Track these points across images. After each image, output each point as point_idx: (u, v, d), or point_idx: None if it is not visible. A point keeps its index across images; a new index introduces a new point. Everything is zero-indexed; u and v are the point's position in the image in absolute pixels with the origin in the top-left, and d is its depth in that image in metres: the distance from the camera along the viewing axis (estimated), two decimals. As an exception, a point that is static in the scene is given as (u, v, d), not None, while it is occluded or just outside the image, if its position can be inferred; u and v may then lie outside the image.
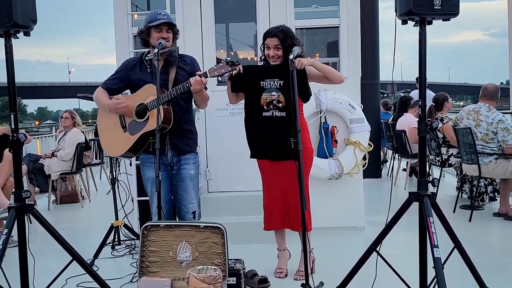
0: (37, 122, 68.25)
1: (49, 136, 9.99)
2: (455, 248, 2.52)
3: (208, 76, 2.92)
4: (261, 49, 3.31)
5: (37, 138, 9.91)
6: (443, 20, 2.50)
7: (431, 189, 2.60)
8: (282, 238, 3.45)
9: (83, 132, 6.93)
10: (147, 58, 3.08)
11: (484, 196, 5.38)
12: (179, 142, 3.14)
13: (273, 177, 3.26)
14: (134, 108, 3.09)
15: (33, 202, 5.46)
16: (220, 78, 3.06)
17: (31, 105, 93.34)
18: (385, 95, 17.77)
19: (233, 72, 2.92)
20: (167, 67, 3.13)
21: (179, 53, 3.25)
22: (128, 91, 3.27)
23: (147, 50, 3.15)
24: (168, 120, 2.99)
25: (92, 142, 7.42)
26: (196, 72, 2.95)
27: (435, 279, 2.34)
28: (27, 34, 2.59)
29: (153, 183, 3.06)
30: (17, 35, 2.57)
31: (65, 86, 71.53)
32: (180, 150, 3.16)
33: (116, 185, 4.06)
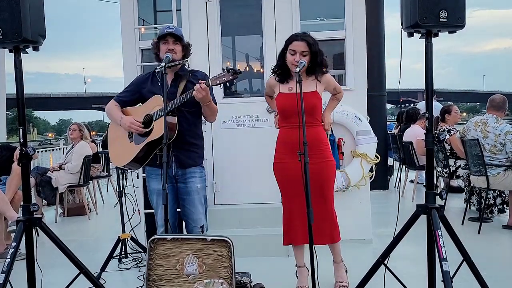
0: (50, 135, 68.47)
1: (57, 150, 10.03)
2: (464, 261, 2.50)
3: (210, 84, 2.93)
4: (280, 55, 3.18)
5: (48, 150, 9.94)
6: (449, 32, 2.51)
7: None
8: (301, 254, 3.30)
9: (95, 143, 6.96)
10: (156, 71, 3.12)
11: (493, 208, 5.32)
12: (182, 155, 3.15)
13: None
14: (141, 119, 3.13)
15: (40, 215, 5.49)
16: (221, 87, 3.06)
17: (52, 117, 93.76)
18: (415, 104, 17.56)
19: (234, 80, 2.93)
20: (177, 80, 3.17)
21: (192, 68, 3.28)
22: (140, 104, 3.31)
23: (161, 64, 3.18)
24: (172, 130, 3.01)
25: (100, 154, 7.46)
26: (199, 81, 2.96)
27: (444, 293, 2.31)
28: (36, 49, 2.62)
29: (159, 195, 3.07)
30: (26, 50, 2.61)
31: (80, 97, 71.54)
32: (183, 163, 3.16)
33: (123, 198, 4.07)
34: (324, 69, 3.18)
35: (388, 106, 60.12)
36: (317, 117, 3.18)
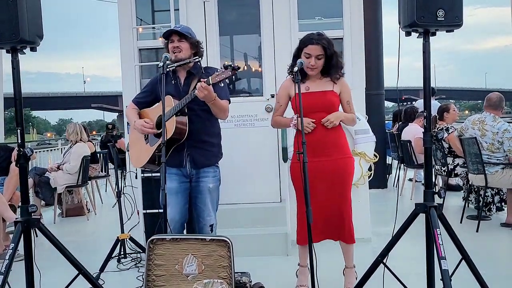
0: (49, 135, 68.13)
1: (55, 150, 10.02)
2: (463, 259, 2.50)
3: (211, 82, 2.90)
4: (294, 55, 3.09)
5: (47, 150, 9.92)
6: (447, 31, 2.51)
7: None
8: (306, 253, 3.23)
9: (92, 143, 6.96)
10: (168, 70, 3.09)
11: (491, 206, 5.33)
12: (196, 154, 3.14)
13: None
14: (155, 120, 3.14)
15: (39, 216, 5.48)
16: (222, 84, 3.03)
17: (53, 116, 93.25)
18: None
19: (234, 76, 2.92)
20: (189, 78, 3.17)
21: (205, 66, 3.28)
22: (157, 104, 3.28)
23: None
24: (182, 130, 3.01)
25: (98, 154, 7.46)
26: (201, 79, 2.94)
27: (443, 292, 2.32)
28: (33, 49, 2.61)
29: (170, 194, 3.05)
30: (24, 50, 2.60)
31: (79, 96, 70.89)
32: (196, 162, 3.15)
33: (121, 198, 4.07)
34: (340, 71, 3.11)
35: (390, 104, 59.95)
36: None
